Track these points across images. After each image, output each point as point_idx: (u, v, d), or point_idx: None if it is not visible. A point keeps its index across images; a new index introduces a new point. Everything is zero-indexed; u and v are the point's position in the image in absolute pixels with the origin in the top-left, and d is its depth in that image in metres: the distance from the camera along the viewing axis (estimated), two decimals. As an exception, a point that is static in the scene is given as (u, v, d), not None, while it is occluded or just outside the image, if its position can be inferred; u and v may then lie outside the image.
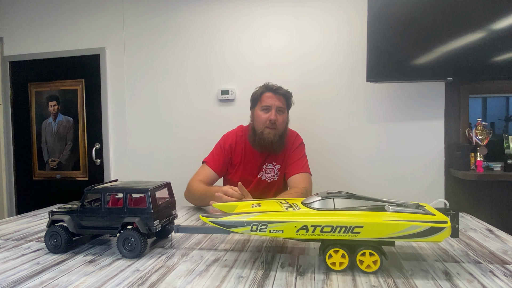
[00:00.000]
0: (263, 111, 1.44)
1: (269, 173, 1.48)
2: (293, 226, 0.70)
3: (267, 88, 1.47)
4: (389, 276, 0.68)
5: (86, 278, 0.69)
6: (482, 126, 2.01)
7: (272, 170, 1.48)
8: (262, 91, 1.47)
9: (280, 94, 1.45)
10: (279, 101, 1.44)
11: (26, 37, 2.66)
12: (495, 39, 1.82)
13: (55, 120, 2.65)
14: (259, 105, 1.46)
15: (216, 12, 2.36)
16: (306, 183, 1.40)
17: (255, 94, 1.50)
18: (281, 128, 1.45)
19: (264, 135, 1.41)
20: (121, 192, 0.84)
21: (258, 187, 1.48)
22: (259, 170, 1.48)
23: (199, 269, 0.73)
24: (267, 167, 1.48)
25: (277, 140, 1.42)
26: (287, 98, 1.48)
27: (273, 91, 1.45)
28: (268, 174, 1.48)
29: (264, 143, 1.42)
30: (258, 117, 1.45)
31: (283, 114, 1.46)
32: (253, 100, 1.51)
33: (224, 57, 2.36)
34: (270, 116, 1.41)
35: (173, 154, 2.43)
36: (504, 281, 0.65)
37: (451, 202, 2.03)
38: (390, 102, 2.17)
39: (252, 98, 1.52)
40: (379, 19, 1.95)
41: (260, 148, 1.45)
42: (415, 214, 0.70)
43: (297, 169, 1.44)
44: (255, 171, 1.49)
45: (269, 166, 1.48)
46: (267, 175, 1.48)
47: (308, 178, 1.45)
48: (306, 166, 1.47)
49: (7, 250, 0.88)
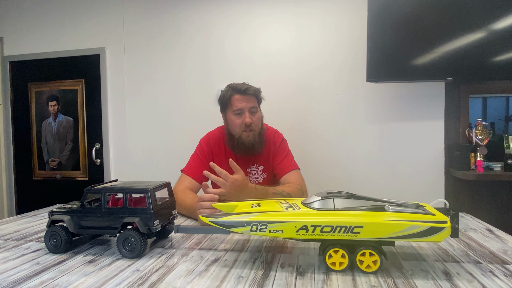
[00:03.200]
0: (236, 115, 1.37)
1: (253, 176, 1.44)
2: (293, 226, 0.70)
3: (235, 90, 1.38)
4: (389, 276, 0.68)
5: (86, 278, 0.69)
6: (482, 126, 2.01)
7: (255, 172, 1.45)
8: (231, 94, 1.39)
9: (249, 95, 1.38)
10: (250, 102, 1.37)
11: (26, 37, 2.66)
12: (495, 39, 1.82)
13: (55, 120, 2.65)
14: (230, 109, 1.39)
15: (216, 12, 2.36)
16: (300, 180, 1.38)
17: (224, 98, 1.41)
18: (258, 128, 1.40)
19: (243, 139, 1.35)
20: (121, 192, 0.84)
21: None
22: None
23: (199, 269, 0.73)
24: (251, 170, 1.45)
25: (257, 141, 1.38)
26: (257, 95, 1.42)
27: (241, 92, 1.37)
28: (252, 177, 1.44)
29: (245, 147, 1.37)
30: (232, 122, 1.39)
31: (257, 113, 1.40)
32: (223, 104, 1.43)
33: (224, 57, 2.36)
34: (244, 120, 1.35)
35: (173, 154, 2.43)
36: (504, 281, 0.65)
37: (451, 202, 2.04)
38: (390, 102, 2.17)
39: (220, 101, 1.44)
40: (379, 19, 1.95)
41: (242, 152, 1.40)
42: (415, 214, 0.70)
43: (286, 167, 1.41)
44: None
45: (253, 169, 1.45)
46: (252, 178, 1.44)
47: (299, 174, 1.42)
48: (293, 162, 1.45)
49: (7, 250, 0.88)
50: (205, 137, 1.50)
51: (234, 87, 1.40)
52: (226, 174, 1.08)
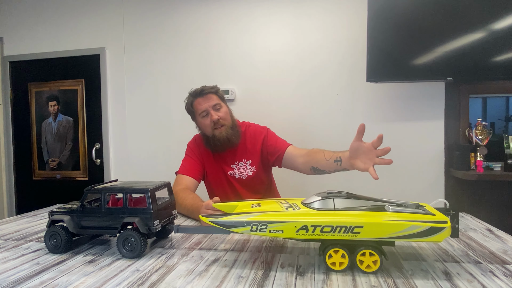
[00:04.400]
0: (203, 118, 1.42)
1: (242, 170, 1.46)
2: (293, 226, 0.70)
3: (193, 96, 1.45)
4: (389, 276, 0.68)
5: (86, 278, 0.69)
6: (482, 126, 2.01)
7: (244, 167, 1.47)
8: (191, 101, 1.46)
9: (207, 94, 1.43)
10: (210, 100, 1.42)
11: (26, 37, 2.66)
12: (495, 39, 1.82)
13: (55, 120, 2.65)
14: (197, 114, 1.44)
15: (216, 13, 2.36)
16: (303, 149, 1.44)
17: (187, 107, 1.49)
18: (228, 122, 1.43)
19: (217, 136, 1.39)
20: (121, 192, 0.84)
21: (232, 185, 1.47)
22: (229, 170, 1.47)
23: (199, 269, 0.73)
24: (238, 165, 1.47)
25: (230, 133, 1.41)
26: (216, 92, 1.45)
27: (199, 95, 1.43)
28: (241, 171, 1.46)
29: (221, 143, 1.40)
30: (203, 125, 1.44)
31: (222, 107, 1.44)
32: (190, 113, 1.50)
33: (224, 57, 2.36)
34: (211, 118, 1.39)
35: (173, 154, 2.42)
36: (504, 281, 0.65)
37: (451, 202, 2.03)
38: (390, 102, 2.17)
39: (187, 111, 1.51)
40: (379, 19, 1.95)
41: (221, 149, 1.43)
42: (415, 214, 0.70)
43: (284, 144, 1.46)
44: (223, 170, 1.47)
45: (241, 164, 1.47)
46: (241, 172, 1.46)
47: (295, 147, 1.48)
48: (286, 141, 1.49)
49: (7, 250, 0.88)
50: (192, 139, 1.57)
51: (192, 93, 1.46)
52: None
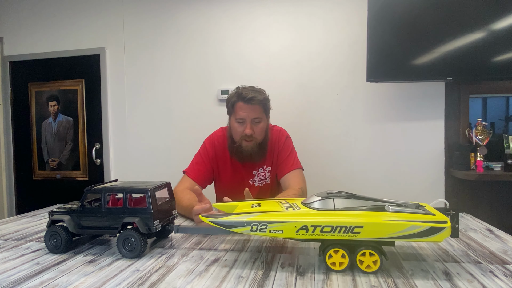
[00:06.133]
0: (238, 123, 1.33)
1: (261, 178, 1.41)
2: (293, 226, 0.70)
3: (239, 97, 1.32)
4: (389, 276, 0.68)
5: (86, 278, 0.69)
6: (482, 126, 2.01)
7: (263, 174, 1.42)
8: (235, 101, 1.34)
9: (254, 104, 1.31)
10: (253, 112, 1.31)
11: (26, 37, 2.66)
12: (495, 39, 1.82)
13: (55, 120, 2.65)
14: (234, 116, 1.35)
15: (216, 13, 2.36)
16: (301, 182, 1.34)
17: (229, 102, 1.38)
18: (260, 138, 1.35)
19: (242, 147, 1.32)
20: (121, 192, 0.84)
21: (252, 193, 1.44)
22: (250, 178, 1.41)
23: (199, 269, 0.73)
24: (259, 172, 1.42)
25: (255, 150, 1.34)
26: (263, 105, 1.35)
27: (246, 101, 1.30)
28: (260, 179, 1.41)
29: (243, 155, 1.35)
30: (234, 129, 1.36)
31: (260, 123, 1.34)
32: (228, 108, 1.40)
33: (224, 57, 2.36)
34: (245, 131, 1.30)
35: (173, 154, 2.43)
36: (504, 281, 0.65)
37: (451, 202, 2.03)
38: (390, 102, 2.17)
39: (227, 104, 1.40)
40: (379, 19, 1.95)
41: (240, 159, 1.38)
42: (415, 214, 0.70)
43: (288, 167, 1.37)
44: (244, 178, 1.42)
45: (260, 171, 1.42)
46: (260, 180, 1.41)
47: (301, 174, 1.38)
48: (296, 161, 1.40)
49: (7, 250, 0.88)
50: (210, 138, 1.45)
51: (239, 93, 1.33)
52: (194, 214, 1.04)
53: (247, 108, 1.31)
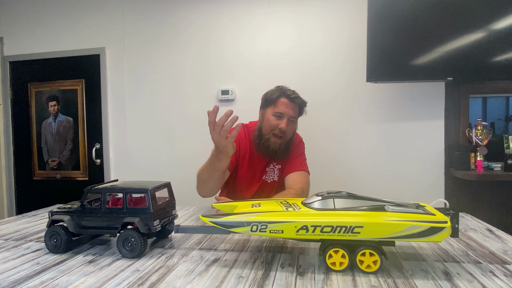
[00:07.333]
0: (275, 116, 1.36)
1: (270, 174, 1.44)
2: (293, 226, 0.70)
3: (284, 93, 1.38)
4: (389, 276, 0.68)
5: (86, 278, 0.69)
6: (482, 126, 2.01)
7: (272, 171, 1.45)
8: (279, 96, 1.37)
9: (296, 103, 1.38)
10: (293, 110, 1.37)
11: (26, 37, 2.66)
12: (495, 39, 1.82)
13: (55, 120, 2.65)
14: (272, 108, 1.38)
15: (216, 12, 2.36)
16: (303, 183, 1.36)
17: (270, 96, 1.40)
18: (289, 137, 1.40)
19: (270, 143, 1.35)
20: (121, 192, 0.84)
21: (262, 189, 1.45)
22: (263, 173, 1.44)
23: (199, 269, 0.73)
24: (269, 168, 1.45)
25: (282, 149, 1.38)
26: (301, 107, 1.42)
27: (290, 98, 1.37)
28: (269, 175, 1.44)
29: (268, 151, 1.37)
30: (268, 121, 1.37)
31: (294, 123, 1.41)
32: (266, 101, 1.41)
33: (224, 57, 2.36)
34: (281, 125, 1.33)
35: (173, 154, 2.43)
36: (504, 281, 0.65)
37: (451, 202, 2.03)
38: (390, 102, 2.17)
39: (265, 98, 1.42)
40: (379, 19, 1.95)
41: (263, 153, 1.40)
42: (415, 214, 0.70)
43: (294, 167, 1.40)
44: (258, 173, 1.44)
45: (271, 167, 1.45)
46: (268, 176, 1.44)
47: (305, 176, 1.40)
48: (304, 164, 1.43)
49: (7, 250, 0.88)
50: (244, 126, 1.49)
51: (284, 90, 1.39)
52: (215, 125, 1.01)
53: (289, 105, 1.37)
